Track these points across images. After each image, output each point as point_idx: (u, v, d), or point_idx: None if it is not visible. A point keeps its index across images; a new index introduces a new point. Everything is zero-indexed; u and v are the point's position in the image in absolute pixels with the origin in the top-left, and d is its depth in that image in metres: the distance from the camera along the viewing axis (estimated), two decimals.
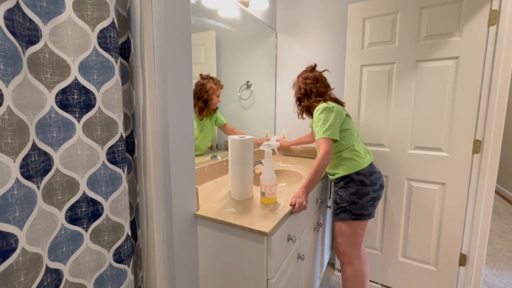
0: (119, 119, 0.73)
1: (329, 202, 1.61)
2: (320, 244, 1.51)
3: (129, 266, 0.79)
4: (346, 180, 1.26)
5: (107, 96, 0.70)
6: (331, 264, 1.90)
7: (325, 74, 1.42)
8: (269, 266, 0.85)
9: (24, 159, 0.56)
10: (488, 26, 1.28)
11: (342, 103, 1.34)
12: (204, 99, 1.33)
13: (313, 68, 1.39)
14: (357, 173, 1.23)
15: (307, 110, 1.37)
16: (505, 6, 1.24)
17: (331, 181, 1.45)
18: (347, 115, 1.30)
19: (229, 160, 1.10)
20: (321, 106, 1.23)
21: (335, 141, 1.20)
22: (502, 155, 3.37)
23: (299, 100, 1.39)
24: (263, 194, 1.03)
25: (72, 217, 0.69)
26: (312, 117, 1.37)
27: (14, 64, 0.53)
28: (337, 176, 1.29)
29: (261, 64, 1.85)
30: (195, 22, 1.24)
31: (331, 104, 1.24)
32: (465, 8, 1.31)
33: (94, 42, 0.67)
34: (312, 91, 1.33)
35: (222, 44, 1.46)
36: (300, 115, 1.43)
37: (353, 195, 1.23)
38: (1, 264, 0.53)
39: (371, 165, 1.27)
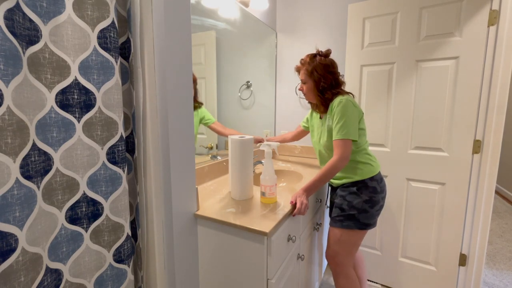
0: (119, 119, 0.73)
1: (328, 203, 1.60)
2: (320, 244, 1.51)
3: (129, 266, 0.79)
4: (359, 185, 1.13)
5: (107, 96, 0.70)
6: None
7: None
8: (269, 266, 0.85)
9: (24, 159, 0.56)
10: (488, 26, 1.28)
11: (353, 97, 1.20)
12: None
13: (327, 54, 1.17)
14: (372, 178, 1.13)
15: (323, 103, 1.17)
16: (505, 6, 1.24)
17: (331, 185, 1.30)
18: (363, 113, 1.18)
19: (229, 160, 1.10)
20: (345, 98, 1.09)
21: (353, 141, 1.09)
22: (502, 155, 3.37)
23: (323, 90, 1.14)
24: (263, 194, 1.03)
25: (72, 217, 0.69)
26: (323, 111, 1.20)
27: (14, 64, 0.53)
28: (348, 180, 1.16)
29: (261, 64, 1.85)
30: (195, 22, 1.24)
31: (351, 98, 1.11)
32: (465, 8, 1.31)
33: (94, 42, 0.67)
34: (337, 81, 1.16)
35: (222, 44, 1.46)
36: (317, 108, 1.21)
37: (366, 203, 1.11)
38: (1, 264, 0.53)
39: (379, 171, 1.20)
